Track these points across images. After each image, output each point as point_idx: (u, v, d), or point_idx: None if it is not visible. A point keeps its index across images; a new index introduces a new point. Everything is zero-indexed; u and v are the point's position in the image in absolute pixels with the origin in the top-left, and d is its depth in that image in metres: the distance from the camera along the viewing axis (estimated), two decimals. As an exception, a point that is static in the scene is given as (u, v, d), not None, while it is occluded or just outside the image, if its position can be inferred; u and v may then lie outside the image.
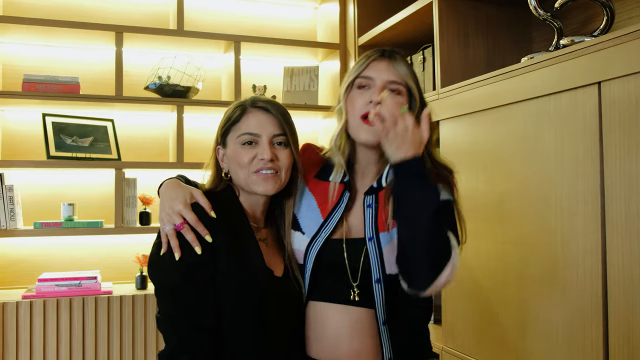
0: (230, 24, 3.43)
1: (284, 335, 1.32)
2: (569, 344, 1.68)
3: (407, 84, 1.37)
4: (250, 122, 1.35)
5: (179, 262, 1.22)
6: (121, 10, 3.24)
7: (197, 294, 1.23)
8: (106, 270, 3.06)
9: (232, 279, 1.25)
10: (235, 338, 1.25)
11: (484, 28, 2.44)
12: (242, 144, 1.34)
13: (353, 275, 1.36)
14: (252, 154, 1.33)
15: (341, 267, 1.37)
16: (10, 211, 2.72)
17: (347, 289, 1.36)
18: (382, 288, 1.33)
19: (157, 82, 3.04)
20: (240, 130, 1.35)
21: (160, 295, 1.27)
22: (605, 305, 1.57)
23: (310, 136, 3.56)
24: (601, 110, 1.58)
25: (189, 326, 1.21)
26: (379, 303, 1.33)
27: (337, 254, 1.37)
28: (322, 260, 1.38)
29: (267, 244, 1.40)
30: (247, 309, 1.26)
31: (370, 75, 1.36)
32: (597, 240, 1.59)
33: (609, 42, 1.54)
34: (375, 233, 1.36)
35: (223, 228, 1.27)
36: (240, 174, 1.34)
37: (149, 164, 3.04)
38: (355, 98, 1.37)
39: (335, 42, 3.32)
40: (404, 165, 1.22)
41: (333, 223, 1.40)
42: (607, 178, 1.57)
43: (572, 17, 2.25)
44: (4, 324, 2.59)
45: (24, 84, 2.83)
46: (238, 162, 1.34)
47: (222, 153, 1.40)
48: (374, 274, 1.33)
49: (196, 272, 1.23)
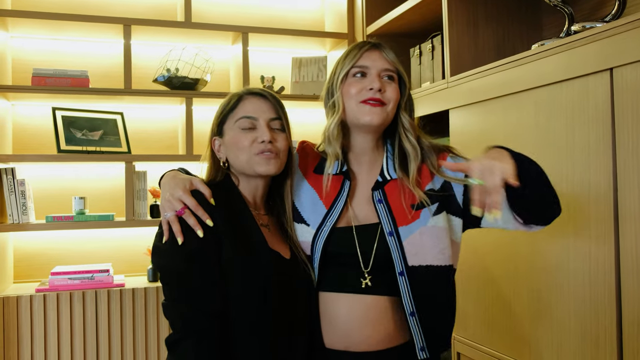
0: (238, 15, 3.42)
1: (289, 321, 1.33)
2: (582, 334, 1.67)
3: (398, 70, 1.45)
4: (247, 107, 1.39)
5: (182, 247, 1.24)
6: (129, 2, 3.24)
7: (201, 278, 1.24)
8: (118, 263, 3.08)
9: (236, 264, 1.26)
10: (239, 323, 1.26)
11: (494, 15, 2.41)
12: (241, 129, 1.37)
13: (365, 262, 1.37)
14: (252, 137, 1.36)
15: (350, 255, 1.38)
16: (23, 205, 2.74)
17: (357, 277, 1.37)
18: (407, 280, 1.35)
19: (166, 74, 3.04)
20: (237, 115, 1.39)
21: (165, 281, 1.28)
22: (618, 295, 1.56)
23: (319, 126, 3.53)
24: (613, 97, 1.56)
25: (194, 311, 1.22)
26: (405, 295, 1.35)
27: (345, 242, 1.38)
28: (329, 250, 1.39)
29: (270, 229, 1.41)
30: (253, 293, 1.27)
31: (366, 64, 1.43)
32: (609, 229, 1.58)
33: (621, 27, 1.52)
34: (394, 227, 1.38)
35: (224, 215, 1.29)
36: (242, 157, 1.36)
37: (159, 156, 3.05)
38: (353, 85, 1.43)
39: (344, 31, 3.30)
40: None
41: (337, 212, 1.41)
42: (620, 166, 1.55)
43: (583, 2, 2.22)
44: (18, 317, 2.62)
45: (33, 78, 2.84)
46: (238, 147, 1.36)
47: (218, 143, 1.43)
48: (397, 266, 1.35)
49: (200, 257, 1.24)
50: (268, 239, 1.35)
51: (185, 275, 1.24)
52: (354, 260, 1.37)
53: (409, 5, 2.64)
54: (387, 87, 1.42)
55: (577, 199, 1.69)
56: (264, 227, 1.38)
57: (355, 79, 1.43)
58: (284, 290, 1.31)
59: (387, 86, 1.42)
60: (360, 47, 1.45)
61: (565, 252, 1.73)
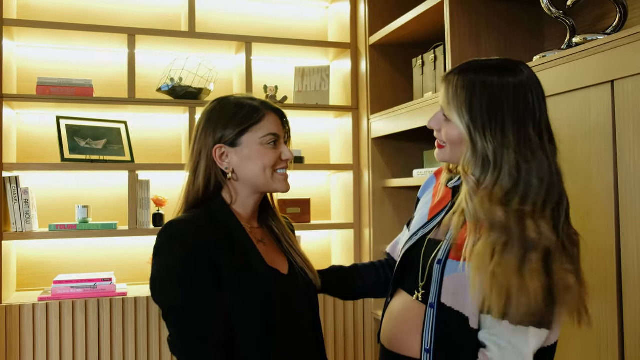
0: (241, 25, 3.44)
1: (292, 336, 1.33)
2: (583, 346, 1.67)
3: (446, 115, 1.29)
4: (272, 123, 1.40)
5: (178, 280, 1.23)
6: (133, 12, 3.26)
7: (201, 309, 1.22)
8: (121, 271, 3.08)
9: (236, 283, 1.26)
10: (243, 340, 1.25)
11: (496, 26, 2.42)
12: (266, 144, 1.38)
13: (422, 276, 1.32)
14: (276, 155, 1.39)
15: (416, 264, 1.35)
16: (26, 214, 2.75)
17: (414, 287, 1.33)
18: (435, 314, 1.25)
19: (170, 83, 3.05)
20: (263, 130, 1.38)
21: (166, 316, 1.26)
22: (620, 306, 1.56)
23: (322, 136, 3.56)
24: (614, 109, 1.57)
25: (198, 343, 1.21)
26: (427, 328, 1.26)
27: (418, 252, 1.36)
28: (407, 258, 1.39)
29: (266, 243, 1.41)
30: (254, 311, 1.26)
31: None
32: (611, 240, 1.58)
33: (622, 40, 1.53)
34: (446, 257, 1.26)
35: (218, 237, 1.29)
36: (262, 175, 1.37)
37: (162, 165, 3.06)
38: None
39: (347, 41, 3.32)
40: None
41: (433, 224, 1.37)
42: (621, 178, 1.55)
43: (584, 14, 2.23)
44: (20, 326, 2.63)
45: (38, 87, 2.85)
46: (262, 163, 1.37)
47: (224, 152, 1.37)
48: (431, 297, 1.27)
49: (197, 287, 1.23)
50: (265, 255, 1.35)
51: (184, 309, 1.23)
52: (417, 271, 1.34)
53: (412, 16, 2.66)
54: (442, 127, 1.30)
55: (577, 210, 1.69)
56: (260, 242, 1.39)
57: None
58: (288, 306, 1.32)
59: (443, 125, 1.30)
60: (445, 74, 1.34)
61: (567, 264, 1.73)
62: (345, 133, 3.36)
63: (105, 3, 3.21)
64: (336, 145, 3.51)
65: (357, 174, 3.26)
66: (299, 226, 3.10)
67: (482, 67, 1.25)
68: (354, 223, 3.25)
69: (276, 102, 3.21)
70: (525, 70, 1.24)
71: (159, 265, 1.27)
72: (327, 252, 3.54)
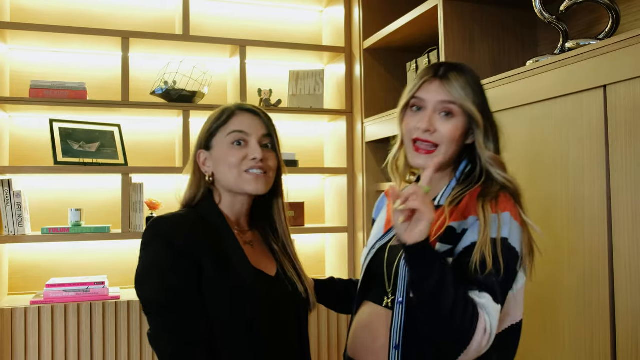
0: (236, 29, 3.44)
1: (279, 337, 1.32)
2: (576, 350, 1.67)
3: (463, 105, 1.28)
4: (240, 121, 1.38)
5: (162, 277, 1.23)
6: (127, 15, 3.25)
7: (184, 306, 1.22)
8: (113, 275, 3.07)
9: (219, 284, 1.26)
10: (229, 343, 1.25)
11: (490, 31, 2.44)
12: (231, 143, 1.36)
13: (389, 281, 1.32)
14: (243, 154, 1.35)
15: (381, 272, 1.35)
16: (18, 217, 2.74)
17: (382, 295, 1.34)
18: (403, 310, 1.26)
19: (164, 87, 3.05)
20: (229, 129, 1.37)
21: (147, 312, 1.26)
22: (612, 310, 1.56)
23: (316, 140, 3.56)
24: (607, 114, 1.58)
25: (180, 341, 1.21)
26: (396, 325, 1.26)
27: (379, 259, 1.37)
28: (371, 268, 1.39)
29: (255, 246, 1.41)
30: (239, 311, 1.26)
31: (422, 97, 1.31)
32: (603, 244, 1.59)
33: (615, 45, 1.54)
34: None
35: (203, 237, 1.29)
36: (230, 175, 1.35)
37: (156, 169, 3.06)
38: (409, 120, 1.34)
39: (341, 45, 3.32)
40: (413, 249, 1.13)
41: (391, 235, 1.39)
42: (613, 182, 1.56)
43: (577, 19, 2.24)
44: (12, 329, 2.61)
45: (31, 90, 2.84)
46: (228, 163, 1.35)
47: (204, 157, 1.41)
48: (398, 294, 1.27)
49: (181, 286, 1.23)
50: (251, 256, 1.35)
51: (167, 307, 1.22)
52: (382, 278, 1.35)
53: (406, 20, 2.67)
54: (439, 126, 1.29)
55: (570, 214, 1.69)
56: (247, 244, 1.38)
57: (412, 112, 1.34)
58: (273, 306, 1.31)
59: (440, 125, 1.29)
60: (422, 75, 1.33)
61: (559, 268, 1.74)
62: (340, 137, 3.36)
63: (99, 6, 3.21)
64: (330, 148, 3.51)
65: (351, 178, 3.26)
66: (293, 230, 3.06)
67: (458, 65, 1.36)
68: (347, 227, 3.25)
69: (270, 106, 3.22)
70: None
71: (144, 261, 1.29)
72: (321, 256, 3.54)
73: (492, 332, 1.15)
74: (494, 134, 1.32)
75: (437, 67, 1.33)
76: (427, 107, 1.30)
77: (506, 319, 1.26)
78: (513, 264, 1.22)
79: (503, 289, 1.20)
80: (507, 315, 1.26)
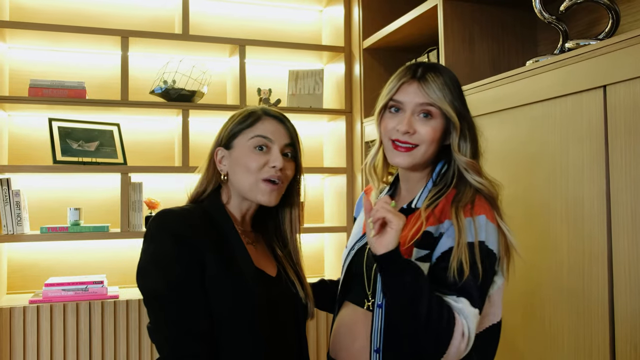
0: (235, 28, 3.43)
1: (278, 337, 1.32)
2: (576, 350, 1.67)
3: (441, 107, 1.29)
4: (265, 127, 1.36)
5: (163, 269, 1.23)
6: (127, 15, 3.25)
7: (186, 299, 1.22)
8: (112, 274, 3.07)
9: (221, 281, 1.26)
10: (229, 340, 1.25)
11: (489, 31, 2.43)
12: (253, 147, 1.34)
13: (369, 284, 1.34)
14: (263, 160, 1.33)
15: (360, 274, 1.37)
16: (17, 216, 2.73)
17: (363, 297, 1.35)
18: (383, 314, 1.27)
19: (163, 86, 3.04)
20: (253, 132, 1.35)
21: (148, 304, 1.26)
22: (611, 311, 1.56)
23: (315, 139, 3.56)
24: (607, 114, 1.58)
25: (180, 334, 1.20)
26: (376, 329, 1.27)
27: (360, 263, 1.38)
28: (351, 269, 1.40)
29: (257, 247, 1.41)
30: (240, 309, 1.26)
31: (400, 100, 1.32)
32: (603, 245, 1.59)
33: (615, 45, 1.54)
34: None
35: (208, 233, 1.29)
36: (246, 180, 1.34)
37: (155, 168, 3.06)
38: (387, 121, 1.35)
39: (340, 45, 3.32)
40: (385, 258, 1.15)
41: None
42: (613, 182, 1.56)
43: (577, 19, 2.24)
44: (11, 328, 2.60)
45: (30, 89, 2.84)
46: (247, 167, 1.33)
47: (221, 155, 1.39)
48: (377, 298, 1.28)
49: (183, 279, 1.23)
50: (254, 256, 1.35)
51: (168, 298, 1.22)
52: (362, 282, 1.36)
53: (406, 20, 2.67)
54: (419, 127, 1.30)
55: (570, 214, 1.69)
56: (250, 244, 1.38)
57: (390, 113, 1.35)
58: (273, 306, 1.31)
59: (419, 126, 1.30)
60: (400, 77, 1.34)
61: (559, 268, 1.74)
62: (339, 136, 3.36)
63: (98, 5, 3.20)
64: (329, 148, 3.51)
65: (351, 178, 3.26)
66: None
67: (435, 65, 1.36)
68: (346, 226, 3.25)
69: (269, 105, 3.21)
70: None
71: (148, 253, 1.28)
72: (320, 255, 3.54)
73: (471, 336, 1.17)
74: (471, 136, 1.32)
75: (414, 68, 1.34)
76: (406, 109, 1.31)
77: (485, 319, 1.27)
78: (491, 267, 1.23)
79: (481, 293, 1.21)
80: (485, 316, 1.27)
